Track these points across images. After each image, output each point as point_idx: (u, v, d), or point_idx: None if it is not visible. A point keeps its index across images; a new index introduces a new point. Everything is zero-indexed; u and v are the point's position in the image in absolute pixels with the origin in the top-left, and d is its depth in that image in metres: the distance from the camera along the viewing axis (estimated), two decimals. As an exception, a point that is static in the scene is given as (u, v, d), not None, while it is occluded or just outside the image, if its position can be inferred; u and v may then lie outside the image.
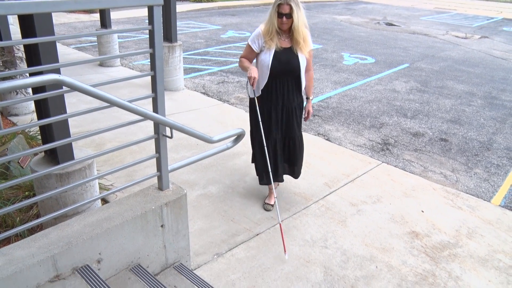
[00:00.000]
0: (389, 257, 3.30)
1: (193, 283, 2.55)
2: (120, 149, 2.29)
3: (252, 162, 3.87)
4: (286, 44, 3.32)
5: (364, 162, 4.89)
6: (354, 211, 3.88)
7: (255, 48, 3.35)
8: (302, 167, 3.88)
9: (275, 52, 3.27)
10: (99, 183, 3.48)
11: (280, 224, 3.37)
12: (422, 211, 3.94)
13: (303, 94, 3.57)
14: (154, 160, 2.47)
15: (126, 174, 4.20)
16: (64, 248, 2.02)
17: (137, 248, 2.40)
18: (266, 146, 3.47)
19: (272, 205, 3.80)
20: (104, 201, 3.66)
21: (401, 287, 2.99)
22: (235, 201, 3.94)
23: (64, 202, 2.84)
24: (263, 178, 3.74)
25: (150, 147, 4.78)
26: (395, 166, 4.86)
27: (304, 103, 3.64)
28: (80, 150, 2.98)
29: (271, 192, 3.86)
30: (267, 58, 3.28)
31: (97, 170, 3.70)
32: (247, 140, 3.66)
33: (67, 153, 2.75)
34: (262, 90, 3.42)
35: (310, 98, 3.62)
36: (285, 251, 3.21)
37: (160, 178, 2.52)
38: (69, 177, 2.76)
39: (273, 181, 3.61)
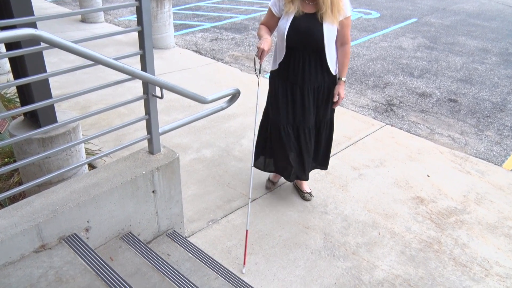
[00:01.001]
0: (392, 223, 3.33)
1: (187, 251, 2.58)
2: (107, 110, 2.24)
3: (257, 155, 3.42)
4: (309, 9, 2.82)
5: (367, 123, 4.87)
6: (356, 175, 3.89)
7: (275, 11, 2.92)
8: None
9: (294, 18, 2.82)
10: (85, 148, 3.45)
11: (247, 231, 2.94)
12: (428, 176, 3.96)
13: (334, 72, 3.02)
14: (144, 123, 2.43)
15: (114, 138, 4.17)
16: (49, 217, 2.01)
17: (127, 215, 2.40)
18: (278, 130, 3.11)
19: (274, 183, 3.65)
20: (92, 166, 3.64)
21: (404, 254, 3.03)
22: (230, 165, 3.94)
23: (48, 169, 2.81)
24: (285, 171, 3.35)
25: (139, 109, 4.75)
26: (399, 128, 4.84)
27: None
28: (64, 113, 2.93)
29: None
30: (284, 25, 2.86)
31: (82, 134, 3.66)
32: (242, 101, 3.60)
33: (49, 115, 2.69)
34: (279, 64, 3.03)
35: (343, 79, 3.05)
36: (244, 263, 2.87)
37: (150, 141, 2.49)
38: (52, 141, 2.72)
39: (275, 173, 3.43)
